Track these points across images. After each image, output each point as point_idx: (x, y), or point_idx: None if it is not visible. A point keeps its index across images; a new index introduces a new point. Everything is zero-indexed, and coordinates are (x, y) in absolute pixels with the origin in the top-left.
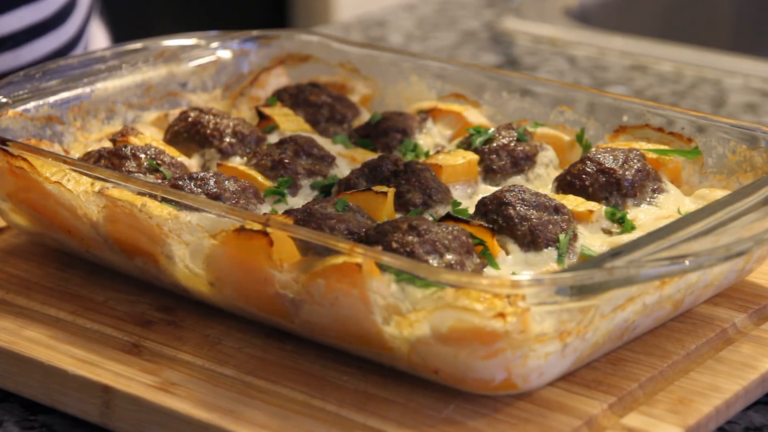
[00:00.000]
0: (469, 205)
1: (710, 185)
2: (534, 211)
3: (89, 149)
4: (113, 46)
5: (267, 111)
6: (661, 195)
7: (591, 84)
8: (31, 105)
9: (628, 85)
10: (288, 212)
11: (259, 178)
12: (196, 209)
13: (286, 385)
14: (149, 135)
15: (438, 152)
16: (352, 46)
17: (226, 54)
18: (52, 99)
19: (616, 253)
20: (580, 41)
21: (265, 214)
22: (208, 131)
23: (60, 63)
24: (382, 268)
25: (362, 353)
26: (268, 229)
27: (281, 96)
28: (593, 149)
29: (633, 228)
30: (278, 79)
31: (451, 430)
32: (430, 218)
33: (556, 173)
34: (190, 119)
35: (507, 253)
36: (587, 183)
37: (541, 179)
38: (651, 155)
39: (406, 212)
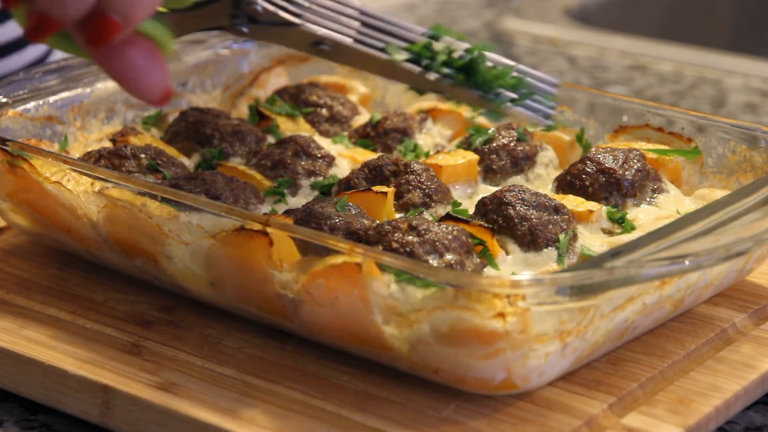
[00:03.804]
0: (469, 205)
1: (710, 185)
2: (534, 211)
3: (89, 149)
4: None
5: (267, 111)
6: (661, 195)
7: (591, 84)
8: (31, 105)
9: (628, 85)
10: (288, 212)
11: (259, 178)
12: (196, 209)
13: (286, 385)
14: (149, 135)
15: (438, 152)
16: None
17: (225, 54)
18: (52, 99)
19: (616, 253)
20: (580, 41)
21: (265, 214)
22: (208, 131)
23: (60, 63)
24: (382, 268)
25: (362, 353)
26: (268, 229)
27: (281, 96)
28: (593, 149)
29: (633, 228)
30: (278, 79)
31: (451, 430)
32: (430, 218)
33: (556, 173)
34: (190, 119)
35: (507, 253)
36: (587, 183)
37: (541, 179)
38: (651, 155)
39: (406, 212)
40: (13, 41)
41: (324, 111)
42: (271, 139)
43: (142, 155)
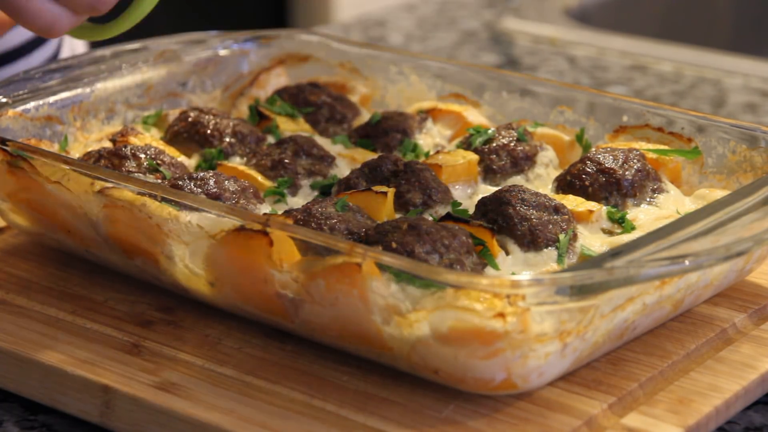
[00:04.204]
0: (469, 205)
1: (710, 185)
2: (534, 211)
3: (89, 149)
4: (113, 45)
5: (267, 111)
6: (661, 195)
7: (591, 84)
8: (31, 105)
9: (628, 85)
10: (288, 212)
11: (259, 178)
12: (196, 209)
13: (286, 385)
14: (149, 135)
15: (438, 152)
16: (352, 46)
17: (225, 54)
18: (52, 99)
19: (616, 253)
20: (580, 41)
21: (265, 214)
22: (208, 131)
23: (60, 63)
24: (382, 268)
25: (362, 353)
26: (268, 229)
27: (281, 96)
28: (593, 149)
29: (633, 228)
30: (278, 79)
31: (451, 430)
32: (430, 218)
33: (556, 173)
34: (190, 119)
35: (507, 253)
36: (587, 183)
37: (541, 179)
38: (651, 155)
39: (406, 212)
40: (20, 46)
41: (324, 111)
42: (271, 139)
43: (142, 155)
